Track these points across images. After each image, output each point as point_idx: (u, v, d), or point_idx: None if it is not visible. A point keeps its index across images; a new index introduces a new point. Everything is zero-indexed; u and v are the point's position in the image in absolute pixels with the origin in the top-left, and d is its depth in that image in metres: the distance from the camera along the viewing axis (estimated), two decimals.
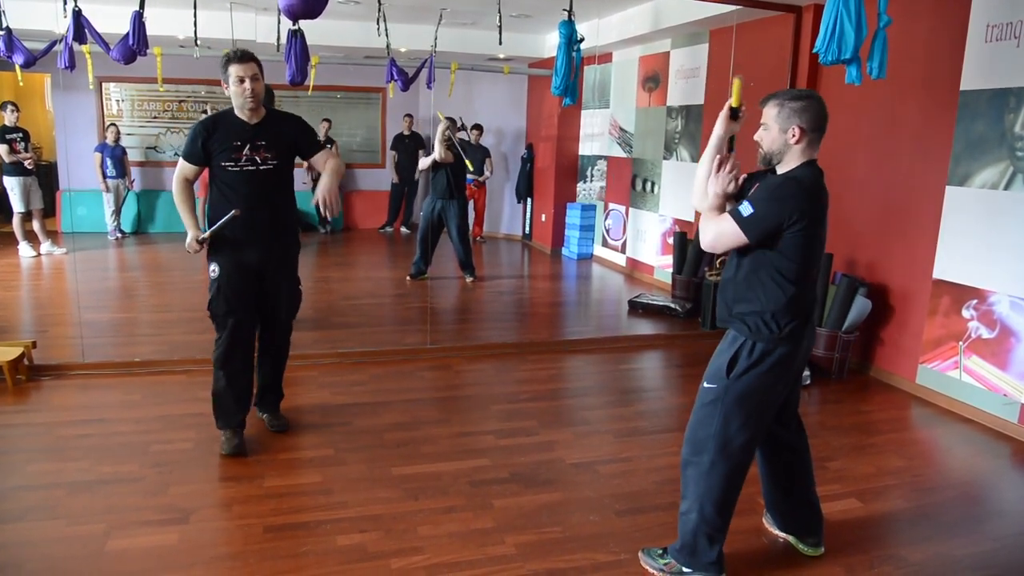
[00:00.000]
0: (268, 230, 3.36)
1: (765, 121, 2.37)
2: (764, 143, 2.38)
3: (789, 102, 2.31)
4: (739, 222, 2.29)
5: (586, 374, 4.92)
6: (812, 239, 2.29)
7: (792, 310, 2.32)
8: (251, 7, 6.80)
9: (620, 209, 8.23)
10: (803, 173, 2.32)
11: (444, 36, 6.91)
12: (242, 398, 3.43)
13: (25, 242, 7.73)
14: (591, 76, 8.59)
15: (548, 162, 9.28)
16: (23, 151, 7.67)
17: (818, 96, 2.35)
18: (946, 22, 4.26)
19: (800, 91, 2.38)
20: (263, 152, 3.28)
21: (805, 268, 2.32)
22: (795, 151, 2.32)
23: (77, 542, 2.64)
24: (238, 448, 3.35)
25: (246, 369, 3.44)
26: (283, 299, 3.52)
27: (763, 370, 2.35)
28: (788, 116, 2.31)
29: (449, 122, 6.90)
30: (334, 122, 10.05)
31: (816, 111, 2.31)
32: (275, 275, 3.44)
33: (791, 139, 2.31)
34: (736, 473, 2.43)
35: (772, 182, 2.32)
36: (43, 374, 4.32)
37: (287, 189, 3.46)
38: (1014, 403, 3.91)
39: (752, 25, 5.79)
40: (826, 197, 2.35)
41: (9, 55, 5.47)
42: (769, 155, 2.38)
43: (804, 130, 2.30)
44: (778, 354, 2.34)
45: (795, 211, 2.24)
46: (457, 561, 2.59)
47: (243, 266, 3.32)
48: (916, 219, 4.50)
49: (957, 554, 2.76)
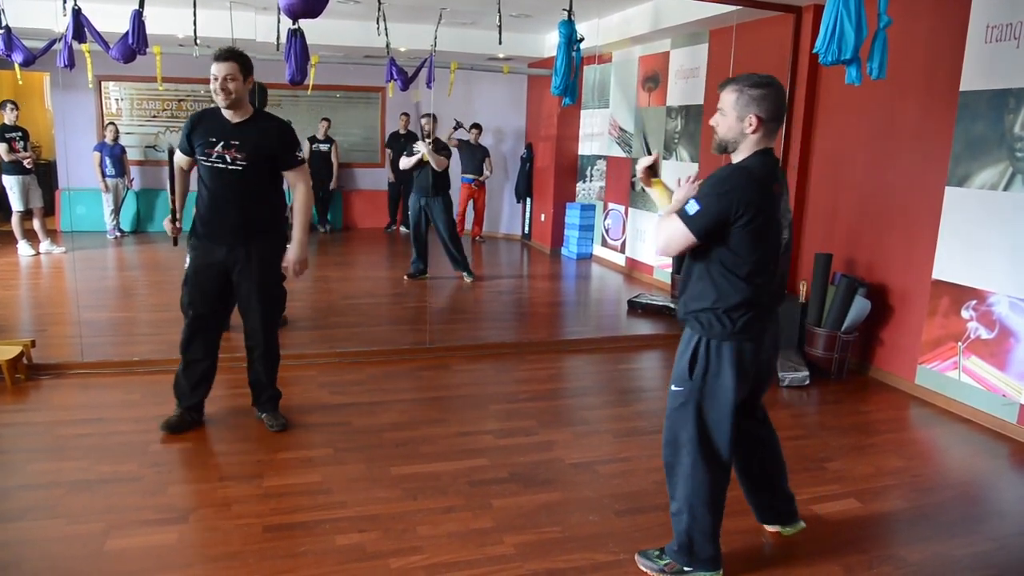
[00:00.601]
0: (233, 230, 3.38)
1: (722, 107, 2.28)
2: (720, 129, 2.31)
3: (748, 88, 2.23)
4: (685, 221, 2.24)
5: (585, 374, 4.92)
6: (762, 233, 2.23)
7: (747, 305, 2.28)
8: (251, 6, 6.80)
9: (619, 209, 8.23)
10: (754, 162, 2.25)
11: (444, 36, 6.91)
12: (198, 386, 3.59)
13: (24, 241, 7.73)
14: (591, 76, 8.59)
15: (548, 162, 9.28)
16: (22, 150, 7.66)
17: (778, 83, 2.26)
18: (946, 23, 4.26)
19: (761, 77, 2.27)
20: (234, 152, 3.30)
21: (758, 264, 2.27)
22: (751, 140, 2.26)
23: (76, 541, 2.64)
24: (173, 426, 3.52)
25: (205, 359, 3.56)
26: (252, 302, 3.49)
27: (723, 366, 2.33)
28: (746, 104, 2.22)
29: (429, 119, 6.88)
30: (334, 121, 10.04)
31: (775, 99, 2.23)
32: (240, 276, 3.44)
33: (748, 128, 2.23)
34: (719, 469, 2.43)
35: (719, 174, 2.25)
36: (42, 373, 4.31)
37: (260, 191, 3.42)
38: (1013, 403, 3.92)
39: (752, 25, 5.79)
40: (781, 186, 2.29)
41: (8, 54, 5.47)
42: (724, 142, 2.31)
43: (762, 120, 2.22)
44: (735, 348, 2.31)
45: (741, 204, 2.17)
46: (456, 561, 2.59)
47: (208, 263, 3.41)
48: (915, 219, 4.50)
49: (956, 554, 2.77)
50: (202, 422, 3.66)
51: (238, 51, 3.29)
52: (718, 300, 2.29)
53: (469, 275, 7.25)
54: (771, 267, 2.33)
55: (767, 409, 2.70)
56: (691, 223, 2.23)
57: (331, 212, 10.23)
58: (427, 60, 6.80)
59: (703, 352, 2.35)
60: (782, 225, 2.32)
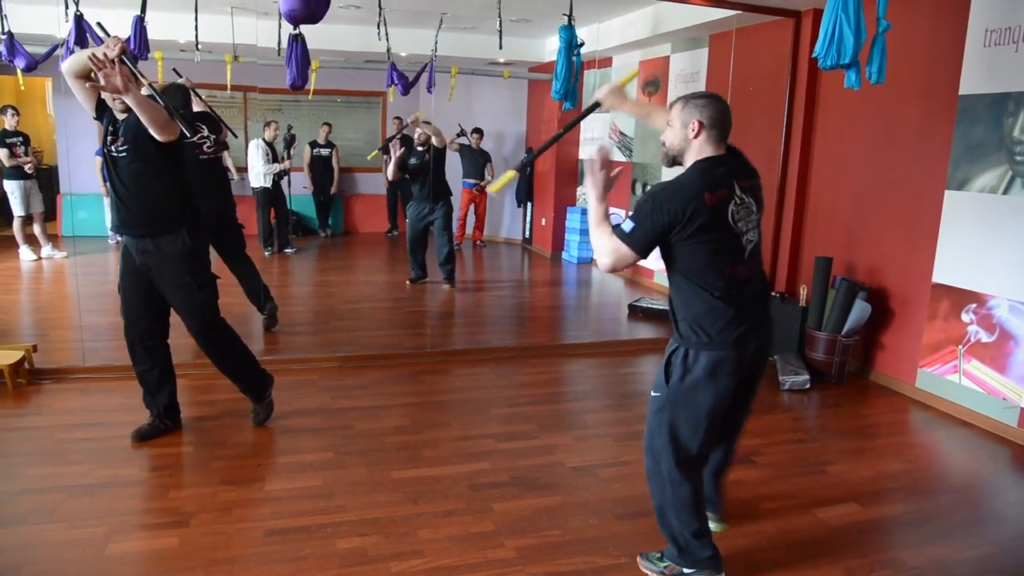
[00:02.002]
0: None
1: (670, 120, 2.36)
2: (667, 141, 2.38)
3: (693, 99, 2.32)
4: (623, 239, 2.28)
5: (586, 378, 4.92)
6: (707, 242, 2.24)
7: (717, 315, 2.29)
8: (252, 11, 6.81)
9: (620, 213, 8.24)
10: (689, 173, 2.29)
11: (444, 40, 6.92)
12: (159, 391, 3.56)
13: (26, 246, 7.73)
14: (591, 80, 8.60)
15: (548, 166, 9.29)
16: (23, 155, 7.68)
17: (722, 98, 2.34)
18: (945, 27, 4.27)
19: (705, 92, 2.37)
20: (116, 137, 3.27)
21: (717, 273, 2.27)
22: (694, 147, 2.31)
23: (77, 545, 2.64)
24: (144, 434, 3.52)
25: (154, 367, 3.53)
26: (176, 305, 3.45)
27: (699, 376, 2.33)
28: (691, 112, 2.30)
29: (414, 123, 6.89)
30: (334, 126, 10.05)
31: (718, 109, 2.29)
32: (157, 278, 3.39)
33: (691, 133, 2.29)
34: (695, 476, 2.44)
35: (650, 191, 2.31)
36: (44, 378, 4.32)
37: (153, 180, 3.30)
38: (1013, 407, 3.91)
39: (752, 29, 5.80)
40: (728, 191, 2.26)
41: (11, 59, 5.47)
42: (671, 153, 2.38)
43: (703, 124, 2.28)
44: (712, 358, 2.31)
45: (674, 214, 2.20)
46: (457, 565, 2.59)
47: (128, 265, 3.39)
48: (915, 223, 4.50)
49: (957, 558, 2.77)
50: (179, 426, 3.66)
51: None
52: (689, 310, 2.33)
53: (452, 284, 7.06)
54: (737, 274, 2.31)
55: (760, 415, 2.70)
56: (629, 240, 2.27)
57: (332, 216, 10.23)
58: (428, 65, 6.82)
59: (679, 360, 2.37)
60: (739, 229, 2.28)
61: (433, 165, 6.85)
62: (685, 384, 2.36)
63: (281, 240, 8.54)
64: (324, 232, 10.08)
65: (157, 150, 3.24)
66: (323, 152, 9.85)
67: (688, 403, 2.37)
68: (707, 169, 2.28)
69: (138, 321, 3.45)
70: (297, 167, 9.11)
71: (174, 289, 3.40)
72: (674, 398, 2.38)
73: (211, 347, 3.58)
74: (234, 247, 5.19)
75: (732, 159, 2.35)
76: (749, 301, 2.35)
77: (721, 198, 2.25)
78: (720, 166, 2.29)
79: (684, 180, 2.28)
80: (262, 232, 8.26)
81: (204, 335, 3.53)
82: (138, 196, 3.29)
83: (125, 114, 3.24)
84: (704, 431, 2.39)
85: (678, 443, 2.40)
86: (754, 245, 2.36)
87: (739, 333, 2.32)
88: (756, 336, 2.37)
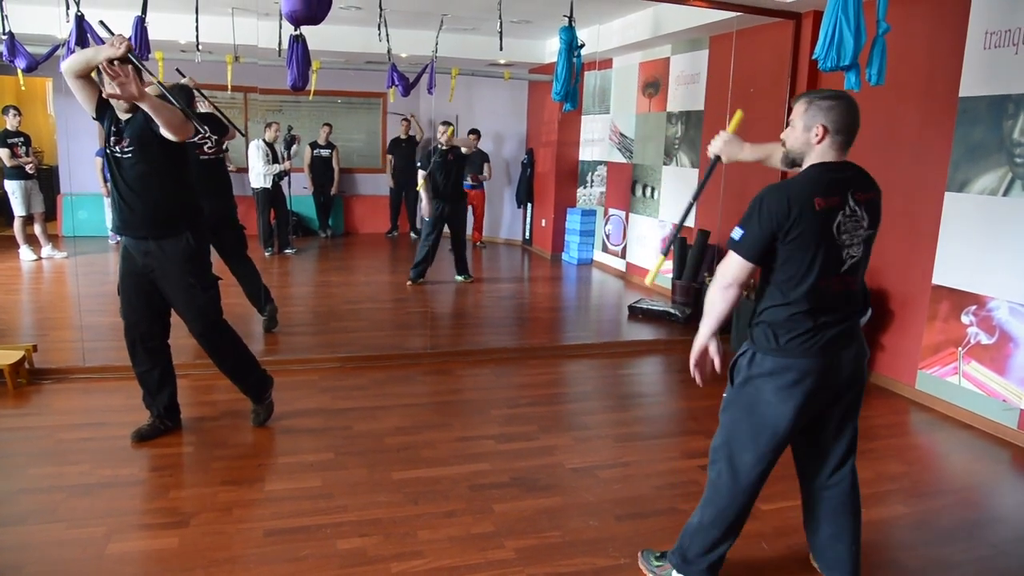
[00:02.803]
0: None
1: (792, 119, 2.26)
2: (788, 141, 2.28)
3: (818, 100, 2.20)
4: (735, 248, 2.20)
5: (586, 379, 4.92)
6: (804, 249, 2.15)
7: (795, 324, 2.20)
8: (253, 12, 6.82)
9: (620, 214, 8.24)
10: (800, 177, 2.21)
11: (445, 41, 6.93)
12: (159, 392, 3.57)
13: (26, 246, 7.74)
14: (591, 82, 8.61)
15: (548, 167, 9.29)
16: (24, 155, 7.68)
17: (850, 97, 2.21)
18: (945, 29, 4.28)
19: (832, 91, 2.24)
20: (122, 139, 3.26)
21: (804, 281, 2.17)
22: (816, 152, 2.21)
23: (77, 545, 2.64)
24: (143, 434, 3.52)
25: (154, 368, 3.53)
26: (179, 306, 3.45)
27: (764, 382, 2.24)
28: (814, 114, 2.19)
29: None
30: (335, 127, 10.07)
31: (845, 111, 2.18)
32: (159, 279, 3.38)
33: (814, 138, 2.19)
34: (739, 491, 2.33)
35: (758, 196, 2.21)
36: (44, 378, 4.32)
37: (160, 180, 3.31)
38: (1013, 409, 3.92)
39: (752, 31, 5.81)
40: (841, 200, 2.18)
41: (11, 59, 5.48)
42: (791, 155, 2.28)
43: (828, 130, 2.17)
44: (780, 366, 2.21)
45: (781, 216, 2.13)
46: (457, 565, 2.59)
47: (128, 267, 3.39)
48: (915, 225, 4.51)
49: (956, 559, 2.77)
50: (179, 427, 3.67)
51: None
52: (769, 314, 2.24)
53: (468, 277, 7.45)
54: (830, 287, 2.20)
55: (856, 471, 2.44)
56: (740, 249, 2.20)
57: (332, 217, 10.24)
58: (428, 66, 6.83)
59: (746, 363, 2.29)
60: (841, 241, 2.18)
61: (455, 167, 7.15)
62: (750, 387, 2.27)
63: (281, 241, 8.55)
64: (324, 233, 10.09)
65: (161, 151, 3.24)
66: (323, 153, 9.86)
67: (750, 409, 2.28)
68: (823, 173, 2.20)
69: (139, 322, 3.45)
70: (297, 168, 9.12)
71: (177, 291, 3.39)
72: (736, 400, 2.32)
73: (213, 348, 3.58)
74: (235, 248, 5.19)
75: (852, 168, 2.25)
76: (836, 317, 2.23)
77: (832, 206, 2.16)
78: (838, 172, 2.20)
79: (796, 181, 2.19)
80: (262, 233, 8.27)
81: (207, 336, 3.53)
82: (142, 197, 3.27)
83: (129, 114, 3.23)
84: (763, 447, 2.27)
85: (732, 449, 2.32)
86: (855, 261, 2.23)
87: (813, 345, 2.20)
88: (833, 353, 2.22)
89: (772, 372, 2.23)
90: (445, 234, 7.29)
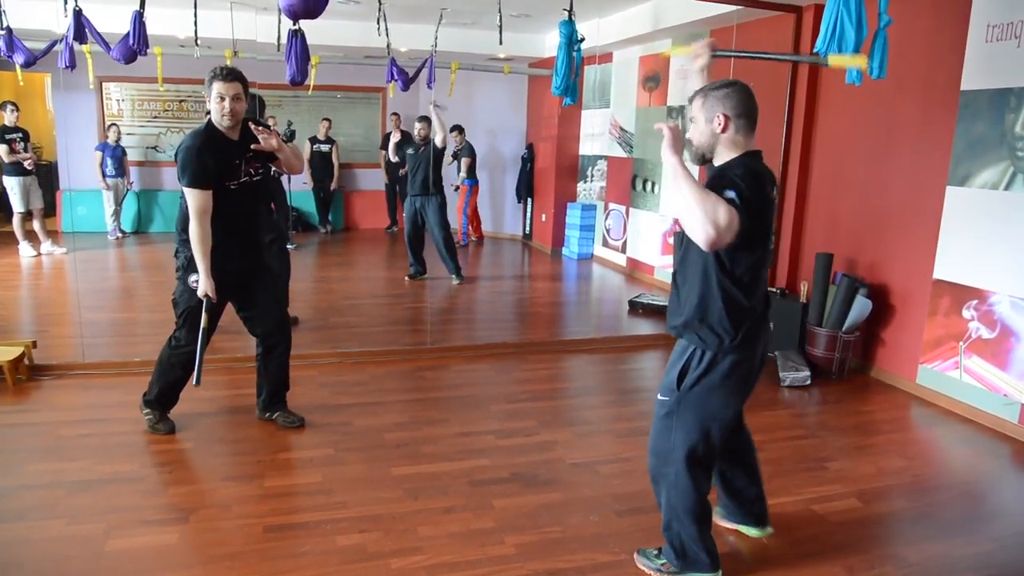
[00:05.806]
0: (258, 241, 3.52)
1: (692, 115, 2.26)
2: (694, 138, 2.29)
3: (712, 91, 2.22)
4: (737, 209, 2.04)
5: (586, 374, 4.92)
6: (757, 239, 2.16)
7: (743, 318, 2.22)
8: (251, 7, 6.80)
9: (620, 209, 8.23)
10: (748, 160, 2.20)
11: (444, 36, 6.90)
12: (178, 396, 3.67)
13: (25, 242, 7.73)
14: (591, 76, 8.59)
15: (548, 162, 9.27)
16: (23, 151, 7.67)
17: (742, 84, 2.23)
18: (946, 22, 4.26)
19: (724, 80, 2.26)
20: (255, 163, 3.34)
21: (753, 273, 2.21)
22: (724, 141, 2.22)
23: (77, 542, 2.64)
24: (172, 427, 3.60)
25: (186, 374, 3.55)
26: (266, 299, 3.57)
27: (715, 380, 2.28)
28: (712, 105, 2.21)
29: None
30: (334, 122, 10.05)
31: (740, 96, 2.20)
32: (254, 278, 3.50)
33: (717, 128, 2.20)
34: (703, 479, 2.42)
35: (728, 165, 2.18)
36: (43, 374, 4.32)
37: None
38: (1014, 403, 3.91)
39: (752, 25, 5.78)
40: (774, 188, 2.21)
41: (10, 54, 5.46)
42: (700, 150, 2.29)
43: (729, 116, 2.18)
44: (729, 363, 2.27)
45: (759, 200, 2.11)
46: (457, 561, 2.59)
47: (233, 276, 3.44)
48: (916, 219, 4.49)
49: (957, 554, 2.76)
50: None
51: (239, 71, 3.23)
52: (717, 312, 2.22)
53: (459, 278, 7.18)
54: (765, 277, 2.31)
55: (761, 411, 2.70)
56: (740, 209, 2.05)
57: (332, 212, 10.23)
58: (428, 60, 6.79)
59: (695, 364, 2.30)
60: (770, 231, 2.26)
61: (430, 160, 6.89)
62: (700, 388, 2.30)
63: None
64: (324, 228, 10.08)
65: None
66: (323, 148, 9.84)
67: (701, 407, 2.31)
68: (760, 163, 2.20)
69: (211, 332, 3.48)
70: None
71: (267, 285, 3.56)
72: (686, 402, 2.33)
73: (287, 337, 3.66)
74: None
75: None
76: (766, 305, 2.34)
77: (773, 197, 2.20)
78: (764, 164, 2.22)
79: (755, 167, 2.17)
80: None
81: (284, 324, 3.65)
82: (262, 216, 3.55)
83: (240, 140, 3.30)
84: (716, 437, 2.36)
85: (688, 447, 2.35)
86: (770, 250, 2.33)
87: (759, 336, 2.28)
88: (764, 339, 2.35)
89: (725, 369, 2.27)
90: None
